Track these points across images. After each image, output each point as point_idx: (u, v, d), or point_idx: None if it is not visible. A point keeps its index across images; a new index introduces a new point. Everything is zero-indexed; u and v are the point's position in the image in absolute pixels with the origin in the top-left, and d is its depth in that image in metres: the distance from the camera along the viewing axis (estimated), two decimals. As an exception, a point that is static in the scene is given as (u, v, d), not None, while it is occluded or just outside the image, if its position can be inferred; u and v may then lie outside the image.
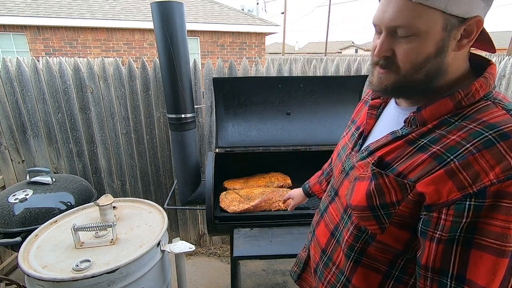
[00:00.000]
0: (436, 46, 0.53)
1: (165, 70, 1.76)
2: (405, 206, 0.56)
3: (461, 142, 0.51)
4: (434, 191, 0.52)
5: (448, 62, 0.56)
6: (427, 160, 0.54)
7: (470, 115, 0.54)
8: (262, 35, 9.02)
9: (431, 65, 0.55)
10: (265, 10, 21.31)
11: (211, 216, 1.54)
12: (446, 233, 0.51)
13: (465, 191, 0.49)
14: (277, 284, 2.20)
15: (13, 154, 2.17)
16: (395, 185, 0.57)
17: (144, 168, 2.34)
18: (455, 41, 0.54)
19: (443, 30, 0.52)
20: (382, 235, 0.61)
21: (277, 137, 1.94)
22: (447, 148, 0.52)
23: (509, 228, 0.46)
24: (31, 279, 1.09)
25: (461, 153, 0.50)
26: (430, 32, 0.52)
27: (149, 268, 1.23)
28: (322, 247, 0.79)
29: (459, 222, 0.49)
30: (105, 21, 7.74)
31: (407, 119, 0.61)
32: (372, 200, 0.60)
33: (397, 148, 0.60)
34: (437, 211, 0.52)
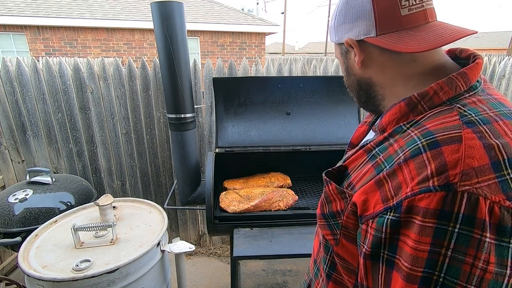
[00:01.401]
0: (344, 67, 0.65)
1: (165, 70, 1.76)
2: (347, 216, 0.53)
3: (397, 151, 0.48)
4: (364, 201, 0.49)
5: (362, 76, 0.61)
6: (370, 169, 0.52)
7: (422, 121, 0.49)
8: (262, 35, 9.02)
9: (350, 82, 0.65)
10: (265, 10, 21.31)
11: (211, 216, 1.54)
12: (369, 248, 0.47)
13: (387, 204, 0.44)
14: (277, 284, 2.20)
15: (13, 154, 2.17)
16: (336, 194, 0.56)
17: (144, 168, 2.34)
18: (353, 60, 0.60)
19: (341, 55, 0.64)
20: (338, 247, 0.57)
21: (277, 137, 1.94)
22: (386, 157, 0.49)
23: (420, 250, 0.40)
24: (31, 279, 1.09)
25: (392, 162, 0.47)
26: (338, 58, 0.66)
27: (149, 268, 1.23)
28: (314, 257, 0.76)
29: (379, 237, 0.45)
30: (105, 21, 7.75)
31: (374, 126, 0.60)
32: (323, 207, 0.60)
33: (359, 156, 0.58)
34: (366, 223, 0.48)
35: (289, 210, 1.63)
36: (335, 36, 0.62)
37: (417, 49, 0.49)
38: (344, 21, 0.58)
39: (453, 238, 0.38)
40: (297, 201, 1.70)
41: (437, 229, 0.39)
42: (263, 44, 9.08)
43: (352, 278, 0.57)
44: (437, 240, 0.39)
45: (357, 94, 0.65)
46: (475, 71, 0.50)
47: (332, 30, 0.63)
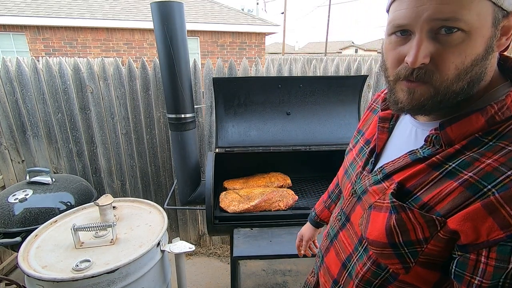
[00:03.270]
0: (485, 46, 0.44)
1: (165, 70, 1.76)
2: (434, 244, 0.48)
3: (500, 168, 0.42)
4: (471, 228, 0.43)
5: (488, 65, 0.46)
6: (458, 189, 0.45)
7: (507, 133, 0.45)
8: (262, 35, 9.02)
9: (477, 69, 0.46)
10: (265, 10, 21.31)
11: (211, 216, 1.54)
12: (487, 280, 0.42)
13: (510, 230, 0.40)
14: (277, 284, 2.20)
15: (13, 154, 2.17)
16: (421, 221, 0.48)
17: (144, 168, 2.34)
18: (496, 39, 0.45)
19: (492, 26, 0.43)
20: (407, 275, 0.52)
21: (277, 137, 1.94)
22: (482, 175, 0.44)
23: None
24: (31, 279, 1.09)
25: (501, 182, 0.41)
26: (480, 27, 0.43)
27: (149, 268, 1.23)
28: (334, 277, 0.70)
29: (504, 267, 0.40)
30: (105, 21, 7.75)
31: (428, 137, 0.52)
32: (393, 237, 0.51)
33: (420, 172, 0.51)
34: (475, 252, 0.43)
35: (289, 210, 1.63)
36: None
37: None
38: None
39: None
40: (297, 201, 1.70)
41: None
42: (263, 44, 9.08)
43: None
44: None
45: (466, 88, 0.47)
46: None
47: None
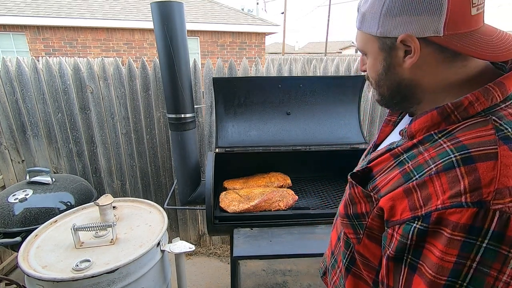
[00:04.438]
0: (381, 64, 0.57)
1: (165, 70, 1.76)
2: (372, 219, 0.55)
3: (428, 162, 0.48)
4: (391, 207, 0.50)
5: (409, 77, 0.55)
6: (397, 176, 0.52)
7: (455, 132, 0.48)
8: (262, 35, 9.02)
9: (387, 80, 0.58)
10: (265, 10, 21.31)
11: (211, 216, 1.54)
12: (393, 251, 0.49)
13: (415, 213, 0.46)
14: (277, 284, 2.20)
15: (13, 154, 2.17)
16: (362, 197, 0.57)
17: (144, 168, 2.34)
18: (400, 58, 0.54)
19: (380, 51, 0.56)
20: (359, 246, 0.59)
21: (277, 137, 1.94)
22: (415, 166, 0.50)
23: (446, 261, 0.41)
24: (31, 279, 1.09)
25: (423, 171, 0.48)
26: (372, 52, 0.58)
27: (149, 268, 1.23)
28: (332, 249, 0.79)
29: (405, 243, 0.47)
30: (105, 21, 7.75)
31: (401, 130, 0.58)
32: (347, 208, 0.61)
33: (384, 160, 0.58)
34: (392, 228, 0.50)
35: (289, 210, 1.63)
36: (378, 27, 0.53)
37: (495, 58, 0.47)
38: (402, 12, 0.49)
39: (480, 252, 0.40)
40: (297, 201, 1.70)
41: (465, 243, 0.40)
42: (263, 44, 9.08)
43: (371, 274, 0.60)
44: (464, 253, 0.40)
45: (391, 93, 0.60)
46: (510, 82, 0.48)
47: (373, 19, 0.53)
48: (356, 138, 1.95)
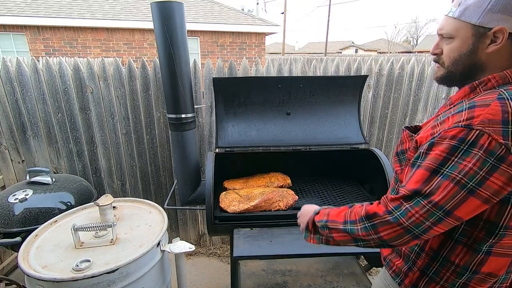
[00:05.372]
0: (469, 47, 0.72)
1: (165, 70, 1.76)
2: (411, 151, 0.79)
3: (451, 111, 0.72)
4: (421, 138, 0.74)
5: (483, 60, 0.72)
6: (431, 123, 0.76)
7: (474, 97, 0.71)
8: (262, 35, 9.02)
9: (467, 59, 0.74)
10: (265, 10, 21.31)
11: (211, 216, 1.54)
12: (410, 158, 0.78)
13: (433, 135, 0.70)
14: (277, 284, 2.20)
15: (13, 154, 2.17)
16: (407, 137, 0.85)
17: (144, 168, 2.34)
18: (485, 44, 0.70)
19: (473, 36, 0.71)
20: (401, 174, 0.85)
21: (277, 137, 1.94)
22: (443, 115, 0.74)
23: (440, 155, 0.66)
24: (31, 279, 1.09)
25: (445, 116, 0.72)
26: (462, 37, 0.73)
27: (149, 268, 1.23)
28: None
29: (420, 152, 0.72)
30: (105, 21, 7.75)
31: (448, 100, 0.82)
32: (397, 147, 0.89)
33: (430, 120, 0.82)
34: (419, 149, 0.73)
35: (289, 210, 1.63)
36: (478, 18, 0.69)
37: None
38: (502, 11, 0.66)
39: (461, 152, 0.64)
40: (297, 201, 1.70)
41: (454, 146, 0.65)
42: (263, 44, 9.08)
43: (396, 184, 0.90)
44: (452, 152, 0.65)
45: (462, 70, 0.76)
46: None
47: (475, 11, 0.69)
48: (356, 138, 1.95)
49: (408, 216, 0.66)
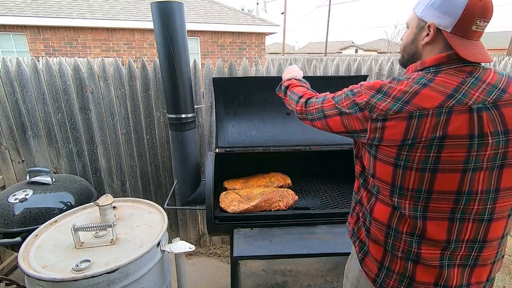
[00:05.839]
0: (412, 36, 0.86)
1: (165, 70, 1.76)
2: None
3: None
4: None
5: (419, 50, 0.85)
6: None
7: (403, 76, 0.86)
8: (262, 35, 9.02)
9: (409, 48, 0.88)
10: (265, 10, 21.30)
11: (211, 216, 1.54)
12: None
13: None
14: (277, 284, 2.20)
15: (13, 154, 2.17)
16: None
17: (144, 168, 2.34)
18: (422, 36, 0.83)
19: (416, 27, 0.84)
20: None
21: (277, 137, 1.94)
22: None
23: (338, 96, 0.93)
24: (31, 279, 1.09)
25: None
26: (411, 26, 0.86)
27: (149, 268, 1.23)
28: None
29: None
30: (105, 21, 7.75)
31: None
32: None
33: None
34: None
35: (289, 210, 1.63)
36: (422, 11, 0.81)
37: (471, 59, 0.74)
38: (437, 9, 0.77)
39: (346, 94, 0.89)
40: (297, 201, 1.70)
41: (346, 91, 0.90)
42: (263, 44, 9.08)
43: None
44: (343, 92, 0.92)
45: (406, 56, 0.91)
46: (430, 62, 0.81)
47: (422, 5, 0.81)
48: (356, 138, 1.94)
49: (309, 106, 1.03)
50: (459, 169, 0.73)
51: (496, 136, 0.71)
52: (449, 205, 0.77)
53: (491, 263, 0.82)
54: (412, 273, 0.84)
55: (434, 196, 0.77)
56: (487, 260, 0.82)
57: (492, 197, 0.75)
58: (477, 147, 0.71)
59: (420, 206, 0.79)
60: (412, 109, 0.73)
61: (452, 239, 0.79)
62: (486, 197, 0.75)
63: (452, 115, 0.71)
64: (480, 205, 0.76)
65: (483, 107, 0.71)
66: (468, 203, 0.76)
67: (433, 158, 0.74)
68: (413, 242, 0.82)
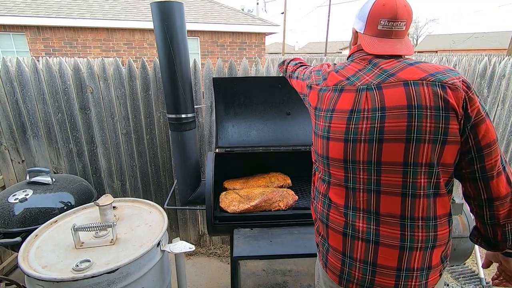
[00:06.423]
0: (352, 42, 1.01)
1: (165, 70, 1.76)
2: None
3: None
4: None
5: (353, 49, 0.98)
6: None
7: None
8: (262, 35, 9.02)
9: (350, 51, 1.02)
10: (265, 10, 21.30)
11: (211, 216, 1.54)
12: None
13: None
14: (277, 284, 2.20)
15: (13, 154, 2.17)
16: None
17: (144, 168, 2.34)
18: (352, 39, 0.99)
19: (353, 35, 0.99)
20: None
21: (277, 137, 1.94)
22: None
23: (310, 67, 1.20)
24: (31, 279, 1.09)
25: None
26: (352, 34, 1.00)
27: (149, 268, 1.23)
28: None
29: None
30: (105, 21, 7.74)
31: None
32: None
33: None
34: None
35: (289, 210, 1.63)
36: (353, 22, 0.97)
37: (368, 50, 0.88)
38: (357, 17, 0.93)
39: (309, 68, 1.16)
40: (297, 201, 1.70)
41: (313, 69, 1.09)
42: (263, 44, 9.08)
43: None
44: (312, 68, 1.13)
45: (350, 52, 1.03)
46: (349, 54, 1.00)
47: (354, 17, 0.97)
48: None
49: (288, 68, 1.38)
50: (341, 138, 0.85)
51: (373, 112, 0.81)
52: (341, 173, 0.87)
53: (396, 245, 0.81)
54: (327, 236, 0.93)
55: (331, 163, 0.89)
56: (389, 240, 0.81)
57: (375, 169, 0.82)
58: (354, 120, 0.83)
59: (326, 172, 0.92)
60: (323, 85, 0.95)
61: (349, 206, 0.87)
62: (368, 167, 0.83)
63: (342, 93, 0.87)
64: (365, 174, 0.83)
65: (367, 88, 0.83)
66: (354, 172, 0.85)
67: (327, 127, 0.89)
68: (324, 202, 0.95)
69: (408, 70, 0.81)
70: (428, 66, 0.81)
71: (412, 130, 0.77)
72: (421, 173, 0.78)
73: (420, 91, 0.77)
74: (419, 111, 0.76)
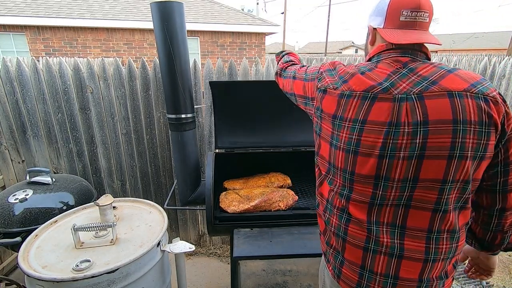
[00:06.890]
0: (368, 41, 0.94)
1: (165, 70, 1.76)
2: None
3: None
4: None
5: (368, 50, 0.93)
6: None
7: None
8: (262, 35, 9.02)
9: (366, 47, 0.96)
10: (265, 10, 21.31)
11: (211, 216, 1.54)
12: None
13: None
14: (277, 284, 2.20)
15: (13, 154, 2.17)
16: None
17: (144, 168, 2.34)
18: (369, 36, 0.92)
19: (366, 34, 0.94)
20: None
21: (277, 137, 1.94)
22: None
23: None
24: (31, 279, 1.09)
25: None
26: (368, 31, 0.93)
27: (149, 268, 1.23)
28: None
29: None
30: (105, 21, 7.74)
31: None
32: None
33: None
34: None
35: (289, 210, 1.63)
36: (368, 21, 0.92)
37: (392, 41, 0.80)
38: (373, 14, 0.87)
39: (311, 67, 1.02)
40: (297, 201, 1.70)
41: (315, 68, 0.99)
42: (263, 44, 9.08)
43: None
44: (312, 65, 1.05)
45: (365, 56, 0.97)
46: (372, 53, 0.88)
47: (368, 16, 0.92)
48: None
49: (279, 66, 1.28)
50: (375, 154, 0.76)
51: (414, 126, 0.72)
52: (369, 189, 0.79)
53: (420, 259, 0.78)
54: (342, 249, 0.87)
55: (357, 179, 0.80)
56: (414, 253, 0.78)
57: (409, 186, 0.75)
58: (393, 135, 0.74)
59: (346, 187, 0.83)
60: (344, 89, 0.81)
61: (372, 220, 0.80)
62: (403, 185, 0.76)
63: (375, 102, 0.75)
64: (397, 192, 0.76)
65: (406, 98, 0.73)
66: (386, 189, 0.77)
67: (355, 140, 0.78)
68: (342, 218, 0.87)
69: (450, 79, 0.73)
70: (465, 74, 0.75)
71: (456, 147, 0.70)
72: (455, 189, 0.74)
73: (465, 104, 0.70)
74: (464, 126, 0.70)
